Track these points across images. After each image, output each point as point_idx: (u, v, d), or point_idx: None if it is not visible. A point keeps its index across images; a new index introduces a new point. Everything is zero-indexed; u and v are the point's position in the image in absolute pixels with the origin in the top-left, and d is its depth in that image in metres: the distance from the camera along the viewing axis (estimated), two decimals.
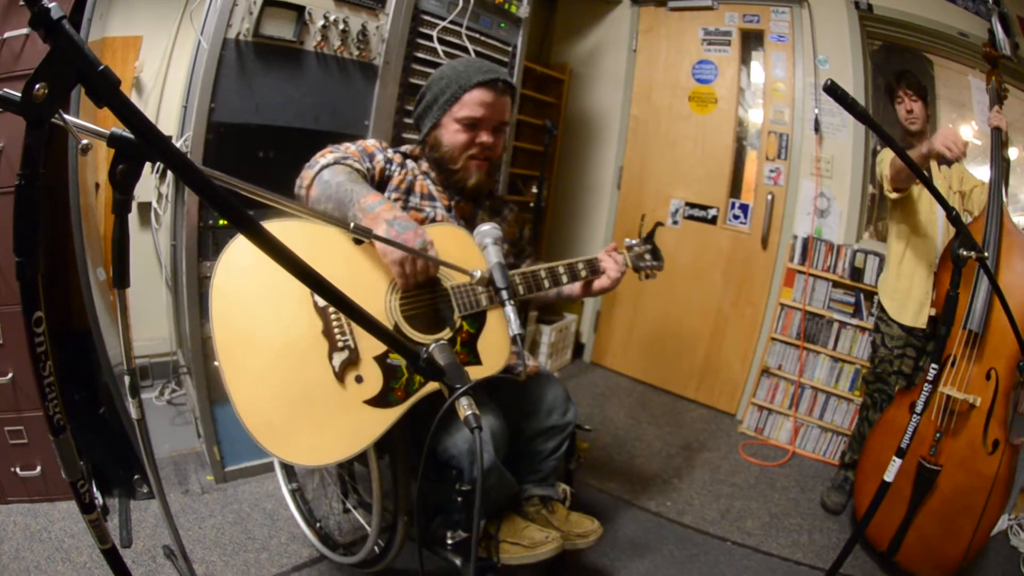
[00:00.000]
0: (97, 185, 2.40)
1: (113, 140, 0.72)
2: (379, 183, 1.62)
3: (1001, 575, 2.26)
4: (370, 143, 1.64)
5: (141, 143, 0.73)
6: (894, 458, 1.54)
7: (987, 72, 2.34)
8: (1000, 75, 2.31)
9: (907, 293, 2.39)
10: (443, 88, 1.60)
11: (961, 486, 2.01)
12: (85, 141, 0.77)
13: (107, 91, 0.61)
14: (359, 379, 1.35)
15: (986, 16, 2.68)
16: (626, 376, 3.99)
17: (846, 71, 3.07)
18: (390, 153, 1.65)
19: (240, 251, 1.32)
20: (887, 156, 2.31)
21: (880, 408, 2.47)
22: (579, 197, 4.16)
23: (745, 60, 3.47)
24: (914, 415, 1.53)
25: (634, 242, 1.86)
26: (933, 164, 2.31)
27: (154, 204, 2.42)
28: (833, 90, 1.18)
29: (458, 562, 1.65)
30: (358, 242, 1.33)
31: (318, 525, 2.04)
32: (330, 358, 1.32)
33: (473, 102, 1.58)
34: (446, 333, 1.47)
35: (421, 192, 1.67)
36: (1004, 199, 2.14)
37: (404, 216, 1.36)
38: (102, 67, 0.60)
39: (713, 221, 3.59)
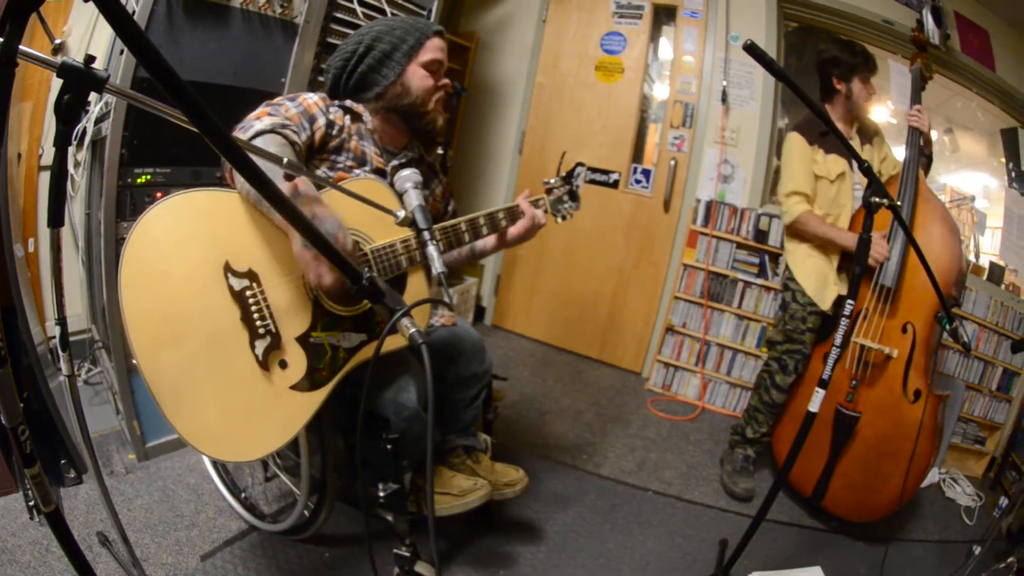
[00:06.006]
0: (20, 155, 2.22)
1: (63, 70, 0.72)
2: (318, 148, 1.54)
3: (940, 525, 2.42)
4: (311, 100, 1.53)
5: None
6: (816, 389, 1.57)
7: (913, 55, 2.45)
8: (928, 58, 2.43)
9: (824, 278, 2.31)
10: (400, 38, 1.59)
11: (884, 433, 2.12)
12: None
13: None
14: (283, 364, 1.31)
15: (916, 7, 2.84)
16: (528, 338, 3.99)
17: None
18: (332, 113, 1.56)
19: (143, 244, 1.20)
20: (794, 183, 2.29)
21: (795, 371, 2.36)
22: (481, 160, 4.11)
23: (655, 34, 3.52)
24: (834, 348, 1.57)
25: (553, 181, 1.80)
26: (856, 142, 2.35)
27: (71, 171, 2.19)
28: (752, 49, 1.23)
29: (390, 518, 1.59)
30: (288, 177, 1.23)
31: (243, 495, 1.97)
32: (252, 347, 1.27)
33: (435, 47, 1.63)
34: (366, 304, 1.40)
35: (354, 154, 1.59)
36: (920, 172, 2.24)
37: (324, 213, 1.23)
38: None
39: (615, 185, 3.64)
